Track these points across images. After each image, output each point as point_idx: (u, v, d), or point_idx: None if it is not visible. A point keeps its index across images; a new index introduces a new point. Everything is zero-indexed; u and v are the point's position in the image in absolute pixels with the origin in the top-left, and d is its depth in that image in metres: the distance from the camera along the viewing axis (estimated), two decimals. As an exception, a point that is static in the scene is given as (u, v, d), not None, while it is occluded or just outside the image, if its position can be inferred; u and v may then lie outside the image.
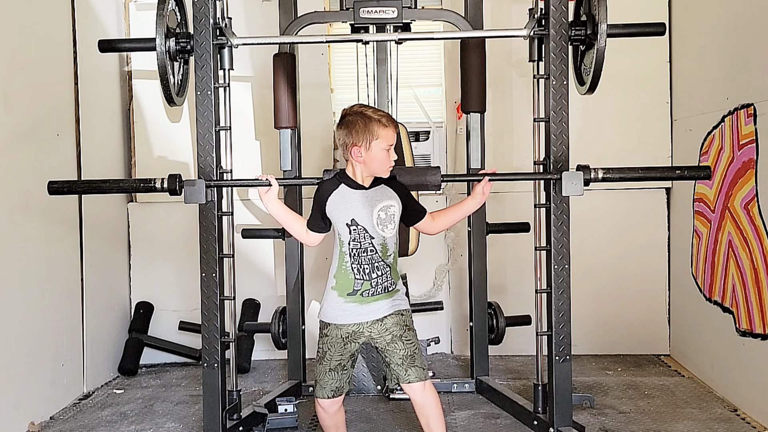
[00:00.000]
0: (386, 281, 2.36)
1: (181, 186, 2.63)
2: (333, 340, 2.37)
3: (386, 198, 2.38)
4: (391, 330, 2.34)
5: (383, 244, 2.34)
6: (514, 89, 3.94)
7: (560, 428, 2.73)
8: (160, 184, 2.62)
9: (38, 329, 3.09)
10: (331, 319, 2.37)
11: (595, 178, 2.62)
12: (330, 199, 2.38)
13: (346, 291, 2.34)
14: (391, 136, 2.34)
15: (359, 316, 2.34)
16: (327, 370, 2.37)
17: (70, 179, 2.26)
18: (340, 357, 2.37)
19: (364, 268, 2.33)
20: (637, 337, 3.96)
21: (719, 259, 3.27)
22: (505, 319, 3.38)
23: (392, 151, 2.36)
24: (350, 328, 2.35)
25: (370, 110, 2.35)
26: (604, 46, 2.64)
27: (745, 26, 3.02)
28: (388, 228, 2.36)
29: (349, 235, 2.33)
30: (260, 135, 4.02)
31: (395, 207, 2.39)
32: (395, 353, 2.34)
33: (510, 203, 3.90)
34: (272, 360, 4.00)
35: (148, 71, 3.96)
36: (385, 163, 2.35)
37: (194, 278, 2.87)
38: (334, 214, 2.37)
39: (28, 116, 3.05)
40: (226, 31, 2.83)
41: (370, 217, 2.33)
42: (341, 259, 2.35)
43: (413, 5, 3.08)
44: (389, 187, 2.41)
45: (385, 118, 2.34)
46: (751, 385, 2.97)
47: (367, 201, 2.35)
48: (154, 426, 3.05)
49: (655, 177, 2.84)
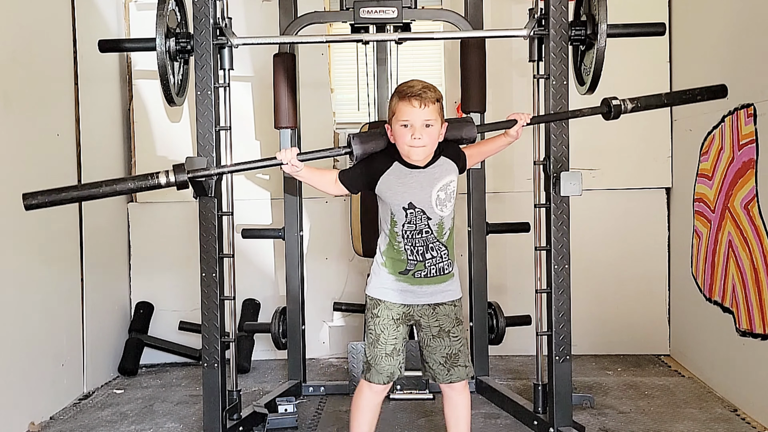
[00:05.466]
0: (442, 261, 2.22)
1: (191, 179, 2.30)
2: (385, 322, 2.24)
3: (446, 174, 2.21)
4: (441, 322, 2.24)
5: (440, 224, 2.20)
6: (514, 89, 3.94)
7: (560, 428, 2.73)
8: (165, 179, 2.26)
9: (38, 329, 3.09)
10: (381, 296, 2.25)
11: (625, 109, 2.52)
12: (383, 178, 2.20)
13: (398, 269, 2.22)
14: (408, 111, 2.11)
15: (411, 297, 2.22)
16: (384, 354, 2.24)
17: (46, 189, 2.13)
18: (394, 340, 2.25)
19: (417, 249, 2.19)
20: (637, 337, 3.96)
21: (719, 259, 3.27)
22: (505, 319, 3.37)
23: (418, 129, 2.11)
24: (401, 309, 2.24)
25: (405, 83, 2.17)
26: (604, 46, 2.64)
27: (745, 26, 3.02)
28: (447, 207, 2.21)
29: (405, 218, 2.18)
30: (260, 135, 4.02)
31: (455, 182, 2.23)
32: (438, 350, 2.24)
33: (510, 203, 3.91)
34: (272, 360, 4.00)
35: (149, 71, 3.96)
36: (402, 143, 2.14)
37: (194, 278, 2.87)
38: (388, 195, 2.20)
39: (28, 116, 3.05)
40: (226, 31, 2.83)
41: (429, 199, 2.18)
42: (392, 238, 2.21)
43: (413, 5, 3.08)
44: (446, 158, 2.22)
45: (408, 89, 2.12)
46: (751, 385, 2.97)
47: (427, 181, 2.18)
48: (154, 426, 3.05)
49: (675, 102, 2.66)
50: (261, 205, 4.05)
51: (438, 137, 2.20)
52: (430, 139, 2.16)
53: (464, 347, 2.27)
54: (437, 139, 2.19)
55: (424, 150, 2.15)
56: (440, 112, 2.18)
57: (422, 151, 2.15)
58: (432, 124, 2.15)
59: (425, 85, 2.16)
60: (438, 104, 2.16)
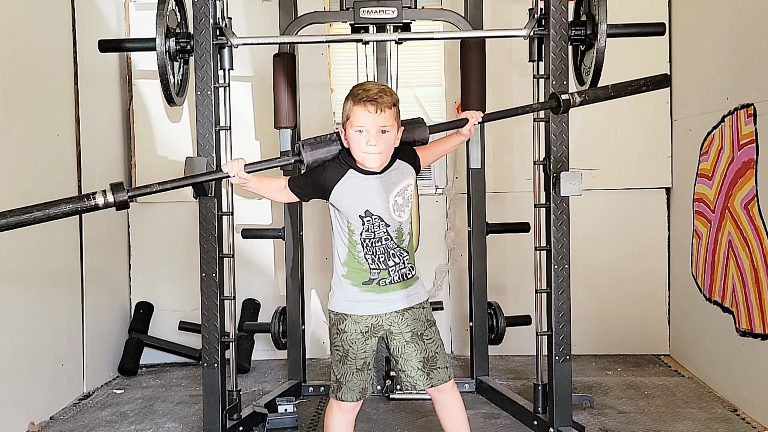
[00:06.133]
0: (404, 268, 2.15)
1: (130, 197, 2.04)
2: (353, 336, 2.15)
3: (403, 178, 2.14)
4: (412, 326, 2.15)
5: (399, 230, 2.13)
6: (514, 89, 3.94)
7: (560, 428, 2.73)
8: (103, 200, 1.99)
9: (38, 329, 3.09)
10: (346, 310, 2.15)
11: (573, 102, 2.46)
12: (338, 187, 2.11)
13: (361, 280, 2.13)
14: (363, 117, 2.03)
15: (378, 306, 2.14)
16: (353, 370, 2.16)
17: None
18: (364, 355, 2.16)
19: (378, 257, 2.12)
20: (637, 337, 3.96)
21: (719, 259, 3.27)
22: (505, 319, 3.38)
23: (374, 135, 2.03)
24: (369, 321, 2.15)
25: (360, 85, 2.10)
26: (604, 46, 2.64)
27: (746, 26, 3.02)
28: (405, 212, 2.14)
29: (362, 225, 2.10)
30: (260, 135, 4.02)
31: (412, 185, 2.16)
32: (414, 355, 2.15)
33: (510, 203, 3.91)
34: (272, 360, 4.00)
35: (149, 71, 3.96)
36: (357, 149, 2.06)
37: (194, 278, 2.87)
38: (344, 204, 2.11)
39: (28, 116, 3.05)
40: (226, 31, 2.83)
41: (386, 205, 2.11)
42: (352, 248, 2.13)
43: (413, 5, 3.08)
44: (403, 161, 2.15)
45: (364, 93, 2.04)
46: (751, 385, 2.97)
47: (383, 187, 2.11)
48: (154, 426, 3.05)
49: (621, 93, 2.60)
50: (261, 205, 4.05)
51: (395, 142, 2.12)
52: (386, 145, 2.08)
53: (441, 349, 2.19)
54: (393, 144, 2.12)
55: (380, 157, 2.08)
56: (397, 117, 2.11)
57: (378, 158, 2.08)
58: (388, 130, 2.07)
59: (382, 88, 2.09)
60: (395, 108, 2.09)
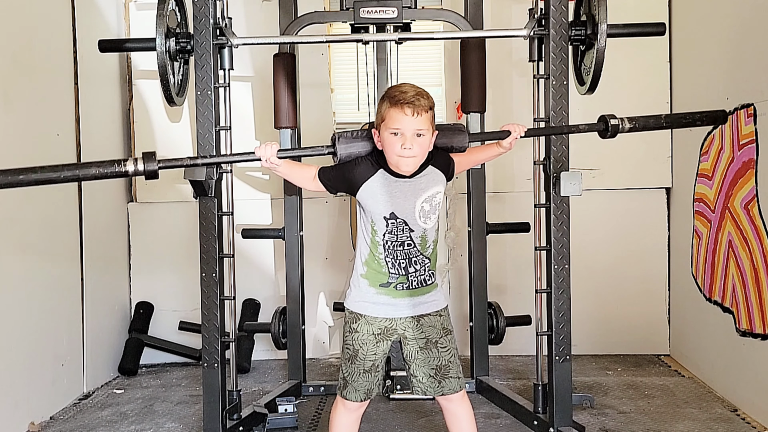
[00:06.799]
0: (423, 274, 2.11)
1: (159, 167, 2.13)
2: (364, 338, 2.12)
3: (433, 185, 2.10)
4: (427, 333, 2.12)
5: (423, 236, 2.09)
6: (514, 89, 3.94)
7: (560, 428, 2.73)
8: (133, 167, 2.09)
9: (38, 329, 3.09)
10: (361, 310, 2.13)
11: (623, 128, 2.50)
12: (366, 185, 2.07)
13: (378, 282, 2.10)
14: (399, 119, 1.98)
15: (393, 310, 2.11)
16: (361, 371, 2.13)
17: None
18: (374, 357, 2.13)
19: (399, 263, 2.08)
20: (637, 337, 3.96)
21: (719, 259, 3.27)
22: (505, 319, 3.37)
23: (409, 139, 1.99)
24: (382, 324, 2.12)
25: (396, 87, 2.04)
26: (604, 46, 2.64)
27: (745, 26, 3.02)
28: (431, 219, 2.10)
29: (386, 227, 2.07)
30: (260, 135, 4.02)
31: (441, 193, 2.12)
32: (427, 362, 2.12)
33: (510, 203, 3.90)
34: (272, 360, 4.00)
35: (149, 71, 3.96)
36: (391, 152, 2.02)
37: (194, 278, 2.87)
38: (370, 204, 2.08)
39: (28, 116, 3.05)
40: (226, 31, 2.83)
41: (412, 211, 2.07)
42: (373, 248, 2.09)
43: (413, 5, 3.08)
44: (435, 168, 2.11)
45: (401, 95, 1.99)
46: (751, 385, 2.97)
47: (411, 192, 2.07)
48: (154, 426, 3.05)
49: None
50: (261, 205, 4.05)
51: (429, 147, 2.08)
52: (421, 149, 2.04)
53: (455, 358, 2.16)
54: (428, 149, 2.08)
55: (414, 161, 2.04)
56: (432, 121, 2.07)
57: (412, 162, 2.04)
58: (424, 134, 2.03)
59: (419, 91, 2.04)
60: (431, 112, 2.05)
